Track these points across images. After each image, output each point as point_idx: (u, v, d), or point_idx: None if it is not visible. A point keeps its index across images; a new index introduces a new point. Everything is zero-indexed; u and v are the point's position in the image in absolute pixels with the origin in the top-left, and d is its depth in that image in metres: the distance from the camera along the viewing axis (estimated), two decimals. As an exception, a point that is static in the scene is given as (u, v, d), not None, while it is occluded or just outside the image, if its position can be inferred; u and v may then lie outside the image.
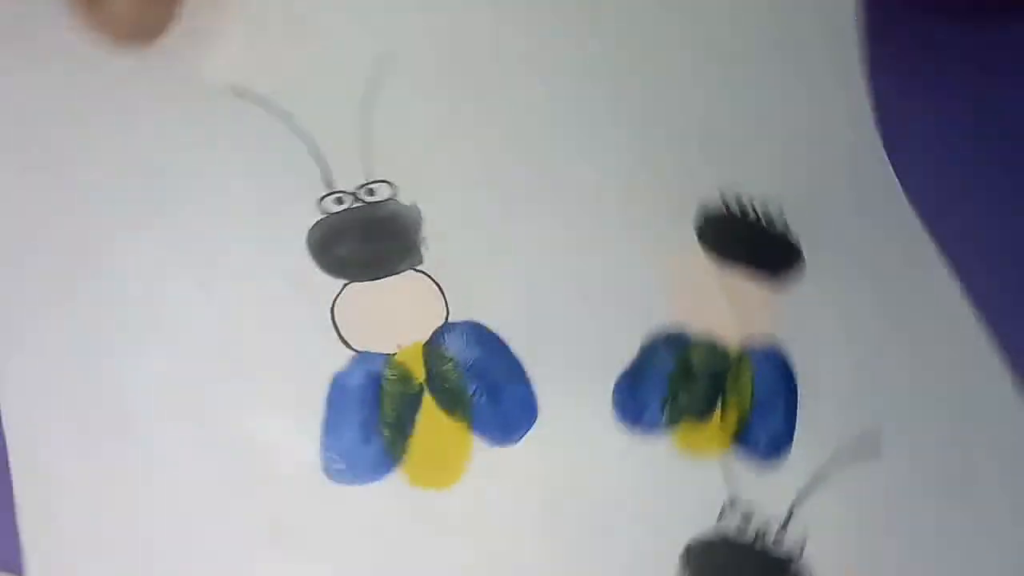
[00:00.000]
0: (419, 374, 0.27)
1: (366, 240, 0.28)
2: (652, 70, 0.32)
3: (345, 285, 0.27)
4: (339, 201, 0.28)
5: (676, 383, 0.28)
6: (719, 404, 0.28)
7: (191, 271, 0.26)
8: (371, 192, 0.28)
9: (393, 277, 0.28)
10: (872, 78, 0.34)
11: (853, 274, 0.31)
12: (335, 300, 0.27)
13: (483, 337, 0.27)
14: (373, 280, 0.27)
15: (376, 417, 0.26)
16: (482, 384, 0.27)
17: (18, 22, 0.28)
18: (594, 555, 0.26)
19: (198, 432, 0.25)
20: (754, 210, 0.31)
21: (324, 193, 0.28)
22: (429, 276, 0.28)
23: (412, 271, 0.28)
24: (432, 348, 0.27)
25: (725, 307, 0.29)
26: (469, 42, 0.31)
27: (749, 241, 0.31)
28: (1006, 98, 0.35)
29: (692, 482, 0.27)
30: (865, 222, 0.32)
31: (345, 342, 0.26)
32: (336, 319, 0.27)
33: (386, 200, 0.28)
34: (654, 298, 0.29)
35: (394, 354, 0.27)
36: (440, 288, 0.28)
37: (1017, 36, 0.36)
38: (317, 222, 0.28)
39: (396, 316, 0.27)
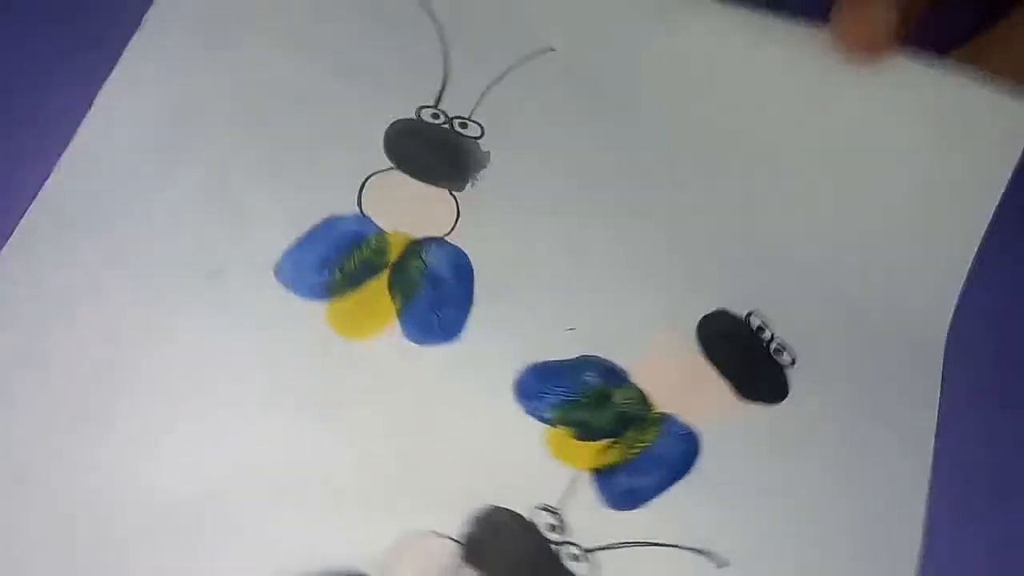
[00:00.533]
0: (393, 256, 0.31)
1: (432, 152, 0.33)
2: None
3: (390, 168, 0.32)
4: (435, 117, 0.33)
5: (585, 399, 0.30)
6: (610, 440, 0.30)
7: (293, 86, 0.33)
8: (464, 125, 0.33)
9: (431, 186, 0.32)
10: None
11: (821, 434, 0.31)
12: (374, 174, 0.32)
13: (460, 262, 0.31)
14: (414, 177, 0.32)
15: (339, 262, 0.30)
16: (432, 292, 0.30)
17: None
18: (413, 483, 0.28)
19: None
20: (765, 332, 0.32)
21: (429, 104, 0.33)
22: (456, 201, 0.32)
23: (448, 193, 0.32)
24: (416, 246, 0.31)
25: (684, 391, 0.31)
26: (614, 74, 0.35)
27: (742, 354, 0.32)
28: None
29: (538, 479, 0.29)
30: (869, 395, 0.32)
31: (359, 202, 0.31)
32: (365, 185, 0.32)
33: (471, 137, 0.33)
34: (618, 348, 0.31)
35: (386, 232, 0.31)
36: (459, 213, 0.32)
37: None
38: (407, 120, 0.33)
39: (409, 209, 0.32)
